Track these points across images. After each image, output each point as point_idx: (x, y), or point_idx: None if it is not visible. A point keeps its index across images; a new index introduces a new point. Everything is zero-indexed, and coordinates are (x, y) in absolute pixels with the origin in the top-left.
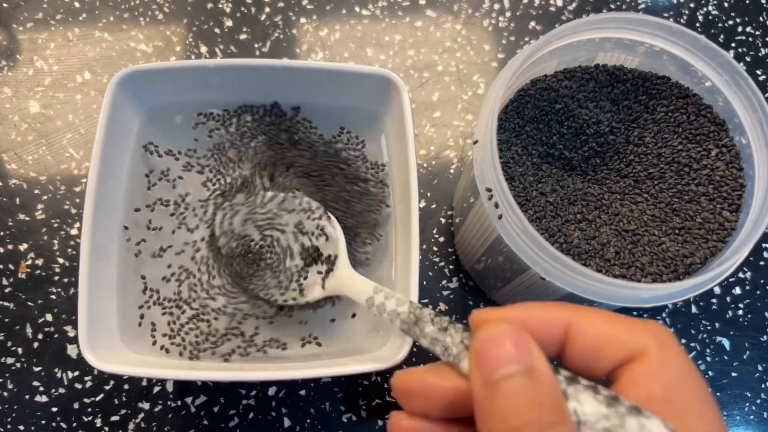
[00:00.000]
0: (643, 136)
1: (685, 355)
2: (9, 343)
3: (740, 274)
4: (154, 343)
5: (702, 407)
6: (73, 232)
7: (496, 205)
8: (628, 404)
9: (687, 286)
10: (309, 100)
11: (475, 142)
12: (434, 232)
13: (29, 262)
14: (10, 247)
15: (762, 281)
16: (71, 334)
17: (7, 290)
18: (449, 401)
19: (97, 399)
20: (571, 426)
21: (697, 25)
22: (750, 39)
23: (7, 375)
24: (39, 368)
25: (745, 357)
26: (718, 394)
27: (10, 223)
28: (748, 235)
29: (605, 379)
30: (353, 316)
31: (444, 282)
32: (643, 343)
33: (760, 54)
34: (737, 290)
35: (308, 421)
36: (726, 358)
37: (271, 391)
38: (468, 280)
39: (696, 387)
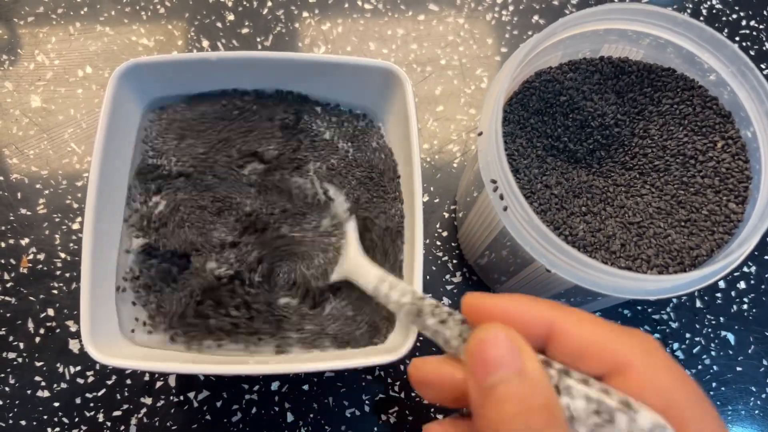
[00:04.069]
0: (649, 129)
1: (673, 362)
2: (11, 338)
3: (745, 269)
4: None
5: (700, 413)
6: (75, 226)
7: (501, 197)
8: (618, 398)
9: (693, 278)
10: (312, 94)
11: (480, 134)
12: (437, 226)
13: (31, 256)
14: (11, 241)
15: (767, 275)
16: (73, 328)
17: (8, 285)
18: (461, 392)
19: (99, 394)
20: (563, 428)
21: (701, 18)
22: (754, 33)
23: (9, 370)
24: (41, 363)
25: (750, 351)
26: (722, 388)
27: (12, 218)
28: (755, 227)
29: None
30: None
31: (447, 276)
32: (628, 353)
33: (764, 48)
34: (742, 284)
35: (311, 416)
36: (731, 352)
37: (274, 385)
38: (472, 275)
39: (690, 393)
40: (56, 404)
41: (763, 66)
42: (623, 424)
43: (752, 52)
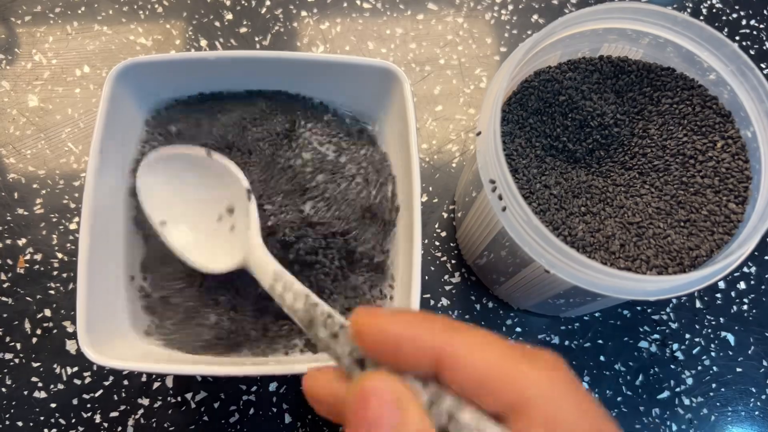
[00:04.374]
0: (648, 128)
1: (579, 388)
2: (7, 339)
3: (745, 269)
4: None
5: None
6: (72, 226)
7: (500, 197)
8: None
9: (693, 278)
10: (310, 94)
11: (479, 134)
12: (436, 226)
13: (28, 257)
14: (8, 241)
15: (767, 276)
16: (70, 329)
17: (5, 285)
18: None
19: (97, 395)
20: None
21: (701, 17)
22: (754, 32)
23: (6, 371)
24: (38, 364)
25: (750, 352)
26: (722, 389)
27: (9, 218)
28: (755, 227)
29: None
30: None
31: (446, 277)
32: (528, 387)
33: (764, 47)
34: (742, 285)
35: (309, 417)
36: (731, 353)
37: (272, 386)
38: (470, 275)
39: (597, 425)
40: (53, 405)
41: (763, 65)
42: None
43: (752, 52)
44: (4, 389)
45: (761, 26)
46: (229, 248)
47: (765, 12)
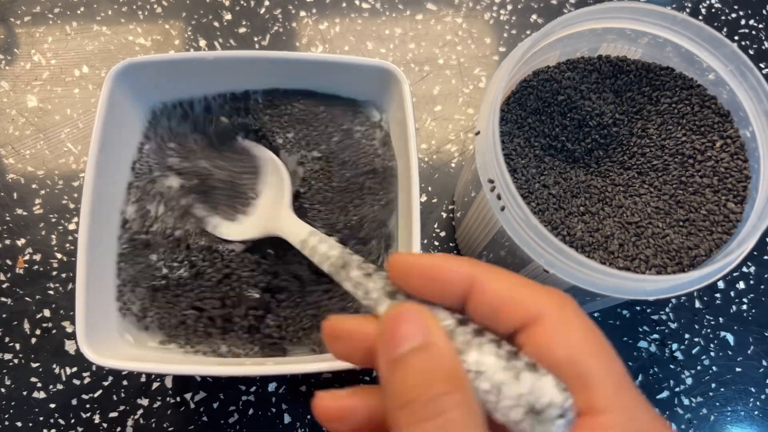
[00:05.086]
0: (647, 128)
1: (585, 317)
2: (7, 339)
3: (744, 269)
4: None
5: (605, 365)
6: (71, 227)
7: (499, 197)
8: (526, 360)
9: (692, 278)
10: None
11: (477, 133)
12: (435, 226)
13: (27, 257)
14: (7, 242)
15: (766, 276)
16: (69, 329)
17: (4, 286)
18: (371, 351)
19: (96, 395)
20: (464, 394)
21: (700, 17)
22: (753, 32)
23: (5, 371)
24: (37, 364)
25: (749, 352)
26: (722, 389)
27: (8, 218)
28: (754, 226)
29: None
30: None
31: None
32: (540, 306)
33: (763, 47)
34: (741, 285)
35: (309, 417)
36: (730, 353)
37: (271, 386)
38: None
39: (597, 346)
40: (52, 405)
41: (762, 65)
42: (527, 382)
43: (751, 51)
44: (3, 389)
45: (760, 26)
46: (255, 219)
47: (764, 12)
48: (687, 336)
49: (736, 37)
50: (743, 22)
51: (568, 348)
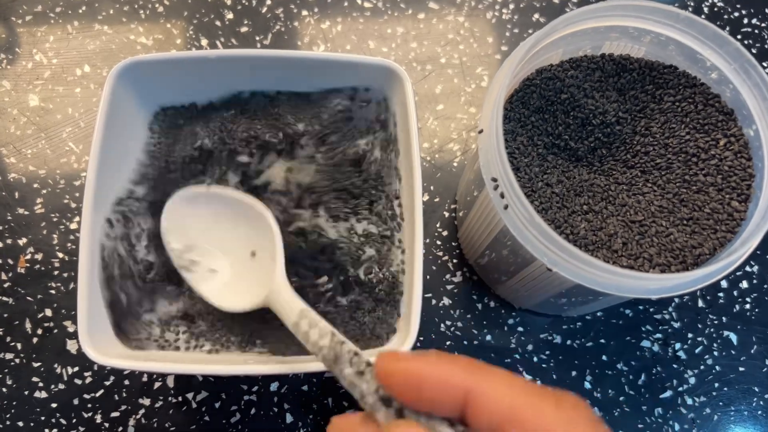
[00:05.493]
0: (650, 127)
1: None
2: (8, 339)
3: (747, 268)
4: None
5: None
6: (73, 226)
7: (502, 195)
8: None
9: (696, 276)
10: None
11: (480, 132)
12: (437, 225)
13: (28, 256)
14: (9, 241)
15: None
16: (71, 329)
17: (6, 285)
18: None
19: (97, 395)
20: None
21: (703, 16)
22: (756, 31)
23: (6, 371)
24: (38, 364)
25: (752, 351)
26: (725, 389)
27: (9, 218)
28: (758, 225)
29: None
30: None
31: (448, 276)
32: (549, 427)
33: (766, 46)
34: (744, 284)
35: (311, 416)
36: (733, 352)
37: (273, 386)
38: (472, 274)
39: None
40: (54, 405)
41: (765, 64)
42: None
43: (754, 51)
44: (4, 389)
45: (763, 25)
46: (250, 287)
47: (767, 11)
48: (690, 335)
49: (739, 36)
50: (746, 21)
51: None
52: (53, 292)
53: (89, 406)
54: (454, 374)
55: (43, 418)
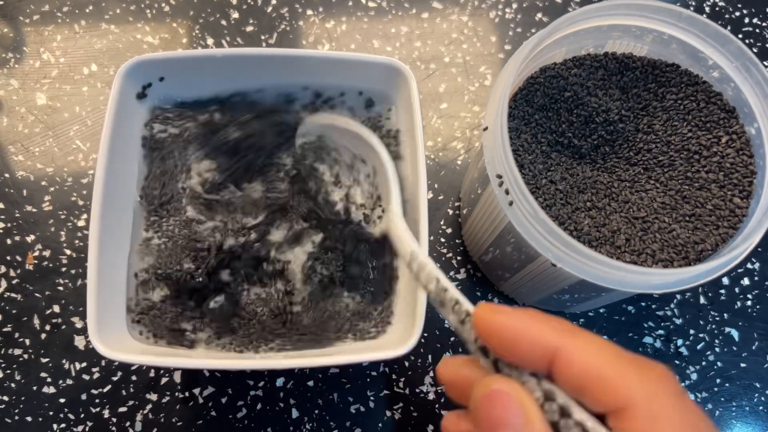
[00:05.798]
0: (653, 124)
1: (679, 404)
2: (16, 335)
3: (749, 265)
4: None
5: None
6: (81, 223)
7: (507, 192)
8: None
9: (698, 272)
10: (317, 90)
11: (485, 129)
12: (441, 223)
13: (36, 253)
14: (17, 238)
15: None
16: (79, 325)
17: (14, 281)
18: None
19: (105, 390)
20: None
21: (704, 15)
22: (757, 30)
23: (15, 366)
24: (46, 359)
25: (754, 347)
26: (726, 384)
27: (18, 215)
28: (759, 221)
29: None
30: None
31: (452, 273)
32: (630, 392)
33: (767, 45)
34: (746, 281)
35: (316, 412)
36: (735, 348)
37: (279, 381)
38: (476, 272)
39: None
40: (62, 400)
41: (766, 63)
42: None
43: (755, 50)
44: (13, 385)
45: (764, 24)
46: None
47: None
48: (692, 332)
49: (740, 35)
50: (747, 20)
51: None
52: (61, 288)
53: (97, 401)
54: (545, 333)
55: (51, 413)
